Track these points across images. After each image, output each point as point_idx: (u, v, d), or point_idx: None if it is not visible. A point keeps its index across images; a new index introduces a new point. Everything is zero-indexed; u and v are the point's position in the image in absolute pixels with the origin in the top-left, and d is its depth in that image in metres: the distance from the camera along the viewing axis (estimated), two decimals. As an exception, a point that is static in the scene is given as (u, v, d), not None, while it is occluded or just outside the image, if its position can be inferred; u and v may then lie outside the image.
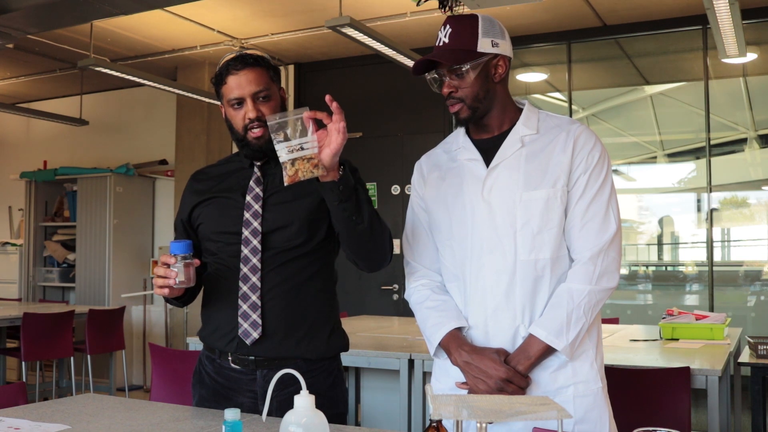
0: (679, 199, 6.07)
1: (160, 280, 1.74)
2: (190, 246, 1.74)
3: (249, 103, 1.85)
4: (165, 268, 1.73)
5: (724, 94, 5.64)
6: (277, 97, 1.91)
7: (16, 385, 2.16)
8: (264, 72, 1.87)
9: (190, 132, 6.59)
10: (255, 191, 1.91)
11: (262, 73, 1.87)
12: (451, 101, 1.74)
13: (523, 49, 5.82)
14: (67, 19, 4.57)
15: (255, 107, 1.85)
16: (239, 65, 1.85)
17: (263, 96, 1.86)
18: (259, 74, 1.86)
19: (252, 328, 1.85)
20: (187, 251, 1.73)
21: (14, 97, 7.81)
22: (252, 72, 1.85)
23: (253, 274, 1.86)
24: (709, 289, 5.32)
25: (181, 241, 1.74)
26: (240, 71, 1.84)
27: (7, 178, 7.90)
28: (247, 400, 1.89)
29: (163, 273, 1.73)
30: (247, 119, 1.85)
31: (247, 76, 1.84)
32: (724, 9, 3.83)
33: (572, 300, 1.66)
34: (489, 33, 1.71)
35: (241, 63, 1.85)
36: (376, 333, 3.89)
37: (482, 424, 1.18)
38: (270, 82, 1.88)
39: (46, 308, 5.71)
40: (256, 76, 1.85)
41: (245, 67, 1.85)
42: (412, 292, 1.87)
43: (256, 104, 1.85)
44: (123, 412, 1.85)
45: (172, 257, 1.72)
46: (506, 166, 1.73)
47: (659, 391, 2.60)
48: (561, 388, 1.68)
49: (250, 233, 1.87)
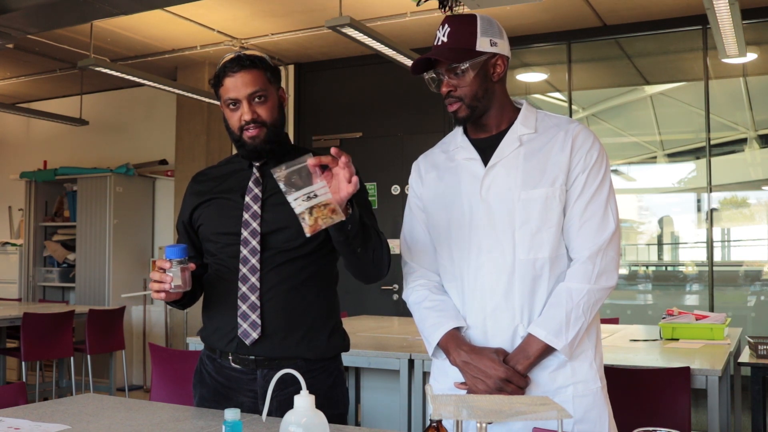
0: (679, 199, 6.07)
1: (156, 285, 1.73)
2: (185, 250, 1.74)
3: (245, 104, 1.85)
4: (161, 272, 1.73)
5: (724, 94, 5.64)
6: (275, 98, 1.91)
7: (16, 385, 2.16)
8: (260, 74, 1.87)
9: (190, 132, 6.59)
10: (254, 192, 1.91)
11: (259, 74, 1.87)
12: (449, 100, 1.74)
13: (523, 49, 5.83)
14: (67, 19, 4.57)
15: (251, 109, 1.85)
16: (235, 67, 1.85)
17: (259, 97, 1.86)
18: (256, 76, 1.86)
19: (251, 328, 1.85)
20: (182, 255, 1.72)
21: (14, 97, 7.81)
22: (248, 74, 1.85)
23: (252, 275, 1.86)
24: (709, 289, 5.32)
25: (175, 246, 1.74)
26: (236, 73, 1.85)
27: (7, 178, 7.90)
28: (248, 399, 1.89)
29: (159, 278, 1.73)
30: (242, 121, 1.86)
31: (243, 78, 1.84)
32: (724, 9, 3.82)
33: (571, 299, 1.66)
34: (488, 32, 1.71)
35: (237, 65, 1.85)
36: (376, 333, 3.89)
37: (482, 424, 1.18)
38: (267, 83, 1.88)
39: (46, 308, 5.71)
40: (252, 78, 1.85)
41: (241, 69, 1.85)
42: (410, 293, 1.86)
43: (251, 105, 1.85)
44: (123, 412, 1.85)
45: (168, 262, 1.72)
46: (504, 165, 1.73)
47: (659, 391, 2.60)
48: (560, 387, 1.68)
49: (249, 234, 1.87)
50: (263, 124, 1.87)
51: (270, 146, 1.89)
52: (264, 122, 1.87)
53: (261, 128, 1.86)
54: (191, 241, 2.01)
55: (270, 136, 1.88)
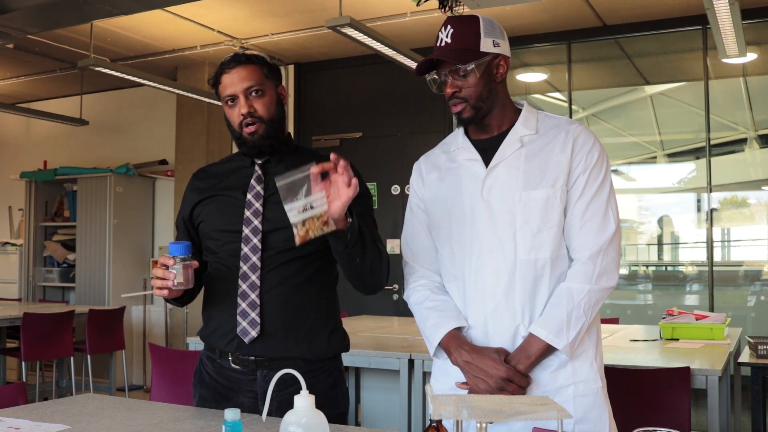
0: (679, 199, 6.07)
1: (159, 282, 1.74)
2: (189, 247, 1.74)
3: (241, 99, 1.87)
4: (164, 269, 1.73)
5: (724, 94, 5.64)
6: (272, 93, 1.92)
7: (16, 385, 2.15)
8: (257, 69, 1.89)
9: (190, 132, 6.59)
10: (256, 189, 1.91)
11: (255, 69, 1.89)
12: (454, 101, 1.74)
13: (523, 49, 5.82)
14: (67, 19, 4.57)
15: (247, 102, 1.87)
16: (232, 64, 1.89)
17: (255, 91, 1.88)
18: (251, 71, 1.88)
19: (250, 326, 1.85)
20: (186, 253, 1.73)
21: (14, 97, 7.81)
22: (244, 69, 1.88)
23: (253, 273, 1.86)
24: (709, 289, 5.32)
25: (179, 243, 1.74)
26: (233, 69, 1.88)
27: (7, 178, 7.90)
28: (248, 400, 1.89)
29: (162, 274, 1.73)
30: (240, 115, 1.87)
31: (239, 74, 1.87)
32: (724, 9, 3.82)
33: (572, 299, 1.66)
34: (490, 33, 1.72)
35: (234, 61, 1.89)
36: (376, 333, 3.89)
37: (482, 424, 1.18)
38: (263, 78, 1.90)
39: (46, 308, 5.71)
40: (249, 73, 1.88)
41: (237, 65, 1.88)
42: (411, 293, 1.86)
43: (248, 100, 1.87)
44: (123, 412, 1.85)
45: (171, 258, 1.72)
46: (506, 166, 1.73)
47: (659, 391, 2.60)
48: (561, 387, 1.68)
49: (250, 231, 1.87)
50: (260, 119, 1.88)
51: (270, 142, 1.90)
52: (261, 117, 1.88)
53: (259, 123, 1.88)
54: (191, 239, 2.01)
55: (269, 132, 1.89)
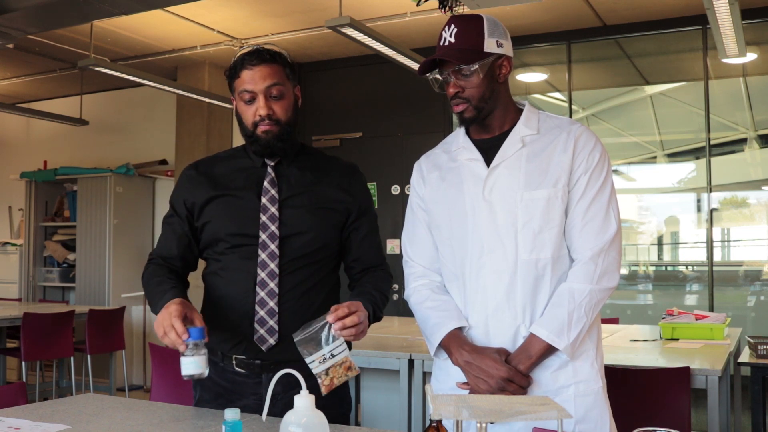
0: (679, 199, 6.07)
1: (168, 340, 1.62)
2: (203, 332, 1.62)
3: (261, 99, 1.82)
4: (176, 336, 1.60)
5: (724, 94, 5.64)
6: (291, 95, 1.88)
7: (16, 385, 2.15)
8: (280, 69, 1.84)
9: (190, 132, 6.59)
10: (270, 193, 1.87)
11: (278, 69, 1.84)
12: (456, 101, 1.74)
13: (523, 49, 5.82)
14: (67, 19, 4.57)
15: (267, 104, 1.82)
16: (255, 60, 1.82)
17: (276, 93, 1.83)
18: (275, 71, 1.83)
19: (268, 334, 1.83)
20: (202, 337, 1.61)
21: (14, 97, 7.81)
22: (267, 68, 1.82)
23: (271, 280, 1.83)
24: (709, 289, 5.32)
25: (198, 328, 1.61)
26: (256, 66, 1.81)
27: (7, 178, 7.89)
28: (253, 402, 1.87)
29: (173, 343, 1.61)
30: (257, 116, 1.83)
31: (262, 72, 1.81)
32: (724, 9, 3.82)
33: (573, 299, 1.66)
34: (494, 33, 1.71)
35: (258, 58, 1.82)
36: (376, 333, 3.88)
37: (482, 424, 1.18)
38: (285, 79, 1.85)
39: (46, 308, 5.71)
40: (272, 71, 1.82)
41: (261, 62, 1.82)
42: (412, 293, 1.86)
43: (268, 101, 1.82)
44: (123, 412, 1.85)
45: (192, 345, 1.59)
46: (507, 166, 1.73)
47: (659, 391, 2.60)
48: (562, 387, 1.68)
49: (267, 237, 1.84)
50: (277, 122, 1.84)
51: (282, 144, 1.86)
52: (278, 120, 1.84)
53: (275, 125, 1.83)
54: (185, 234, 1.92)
55: (283, 134, 1.85)
